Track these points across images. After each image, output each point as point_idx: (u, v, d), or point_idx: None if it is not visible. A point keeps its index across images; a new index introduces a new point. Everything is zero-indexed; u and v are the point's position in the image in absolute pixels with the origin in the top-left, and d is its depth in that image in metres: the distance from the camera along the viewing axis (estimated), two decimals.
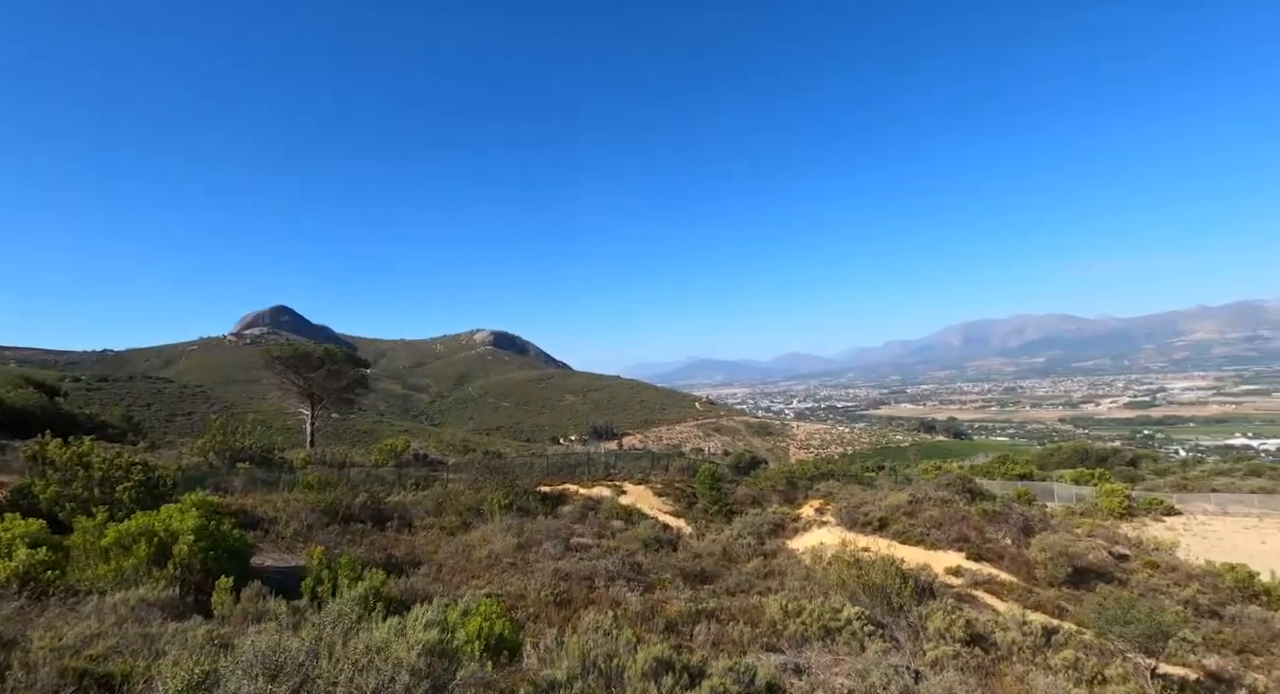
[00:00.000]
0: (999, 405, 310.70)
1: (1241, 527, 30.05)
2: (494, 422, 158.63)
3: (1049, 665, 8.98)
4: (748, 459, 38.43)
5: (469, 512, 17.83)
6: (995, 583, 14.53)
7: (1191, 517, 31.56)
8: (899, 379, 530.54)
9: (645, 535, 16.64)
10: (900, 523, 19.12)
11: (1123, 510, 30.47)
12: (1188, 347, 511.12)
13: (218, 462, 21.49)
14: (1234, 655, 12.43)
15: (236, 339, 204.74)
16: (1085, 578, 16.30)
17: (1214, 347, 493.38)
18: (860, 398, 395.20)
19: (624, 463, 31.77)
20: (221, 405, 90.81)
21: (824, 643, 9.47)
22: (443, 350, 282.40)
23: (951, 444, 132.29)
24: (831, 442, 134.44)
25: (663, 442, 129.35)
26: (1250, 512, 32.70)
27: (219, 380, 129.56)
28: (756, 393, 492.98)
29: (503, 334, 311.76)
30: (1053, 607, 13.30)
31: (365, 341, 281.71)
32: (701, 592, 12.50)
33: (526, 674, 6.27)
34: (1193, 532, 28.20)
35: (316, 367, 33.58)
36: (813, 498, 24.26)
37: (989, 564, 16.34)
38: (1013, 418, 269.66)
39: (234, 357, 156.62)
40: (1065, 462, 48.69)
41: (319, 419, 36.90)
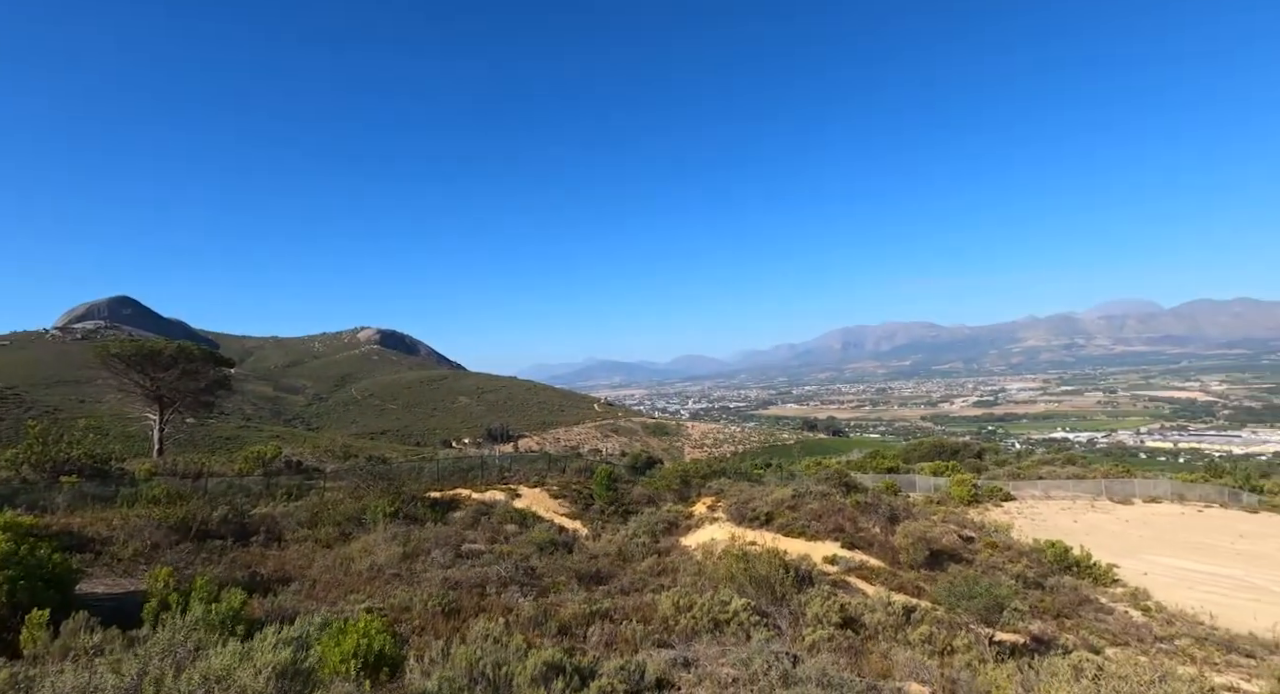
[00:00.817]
0: (872, 405, 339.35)
1: (1060, 508, 34.97)
2: (380, 425, 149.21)
3: (908, 641, 9.92)
4: (644, 459, 39.07)
5: (349, 522, 16.63)
6: (866, 568, 15.82)
7: (1023, 501, 36.23)
8: (786, 380, 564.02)
9: (540, 539, 16.39)
10: (785, 516, 20.28)
11: (970, 498, 34.35)
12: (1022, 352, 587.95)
13: (34, 476, 18.45)
14: (1052, 620, 14.42)
15: (62, 334, 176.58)
16: (940, 559, 18.19)
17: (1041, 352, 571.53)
18: (751, 398, 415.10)
19: (520, 466, 31.11)
20: (41, 410, 77.99)
21: (713, 635, 9.82)
22: (322, 349, 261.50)
23: (831, 441, 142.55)
24: (724, 441, 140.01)
25: (561, 443, 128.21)
26: (1066, 495, 38.12)
27: (38, 381, 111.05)
28: (654, 394, 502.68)
29: (390, 333, 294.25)
30: (913, 587, 14.70)
31: (230, 339, 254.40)
32: (596, 592, 12.51)
33: (407, 690, 5.95)
34: (1024, 515, 32.37)
35: (167, 366, 29.83)
36: (705, 496, 25.11)
37: (861, 552, 17.76)
38: (883, 416, 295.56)
39: (58, 354, 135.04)
40: (925, 456, 54.10)
41: (170, 425, 32.84)
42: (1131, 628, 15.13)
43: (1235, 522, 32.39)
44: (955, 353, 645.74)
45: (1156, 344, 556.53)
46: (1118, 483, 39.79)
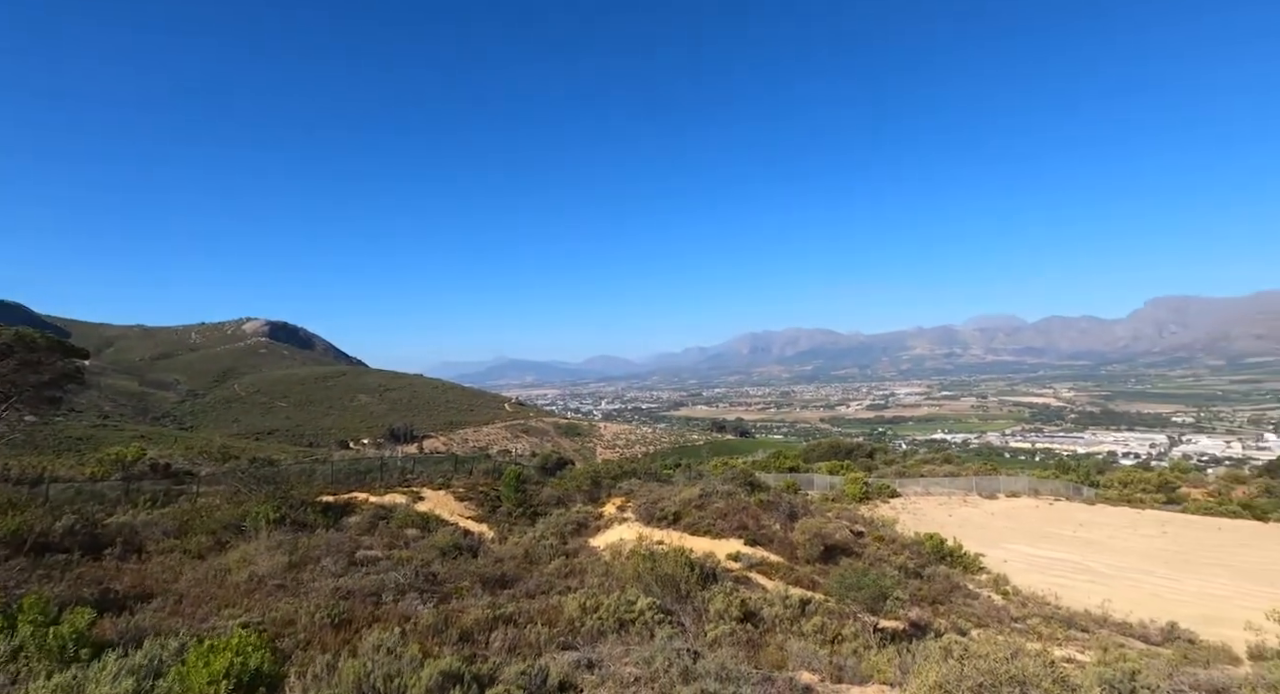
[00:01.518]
0: (776, 407, 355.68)
1: (938, 503, 38.26)
2: (267, 424, 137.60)
3: (802, 632, 10.46)
4: (555, 460, 38.63)
5: (226, 530, 15.21)
6: (766, 564, 16.51)
7: (907, 498, 39.30)
8: (696, 382, 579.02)
9: (443, 543, 15.77)
10: (691, 515, 20.77)
11: (862, 495, 36.81)
12: (910, 360, 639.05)
13: None
14: (928, 606, 15.73)
15: None
16: (833, 554, 19.33)
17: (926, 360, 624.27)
18: (663, 400, 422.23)
19: (424, 467, 29.81)
20: None
21: (618, 635, 9.87)
22: (200, 341, 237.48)
23: (738, 442, 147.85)
24: (636, 441, 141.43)
25: (469, 444, 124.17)
26: (943, 491, 41.77)
27: None
28: (567, 394, 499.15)
29: (281, 324, 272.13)
30: (809, 581, 15.52)
31: (84, 326, 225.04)
32: (501, 596, 12.21)
33: None
34: (907, 510, 35.11)
35: (1, 355, 25.90)
36: (615, 496, 25.21)
37: (762, 548, 18.52)
38: (786, 418, 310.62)
39: None
40: (823, 456, 57.42)
41: (4, 424, 28.57)
42: (993, 611, 16.80)
43: (1077, 512, 36.86)
44: (852, 359, 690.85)
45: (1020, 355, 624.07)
46: (985, 480, 44.11)
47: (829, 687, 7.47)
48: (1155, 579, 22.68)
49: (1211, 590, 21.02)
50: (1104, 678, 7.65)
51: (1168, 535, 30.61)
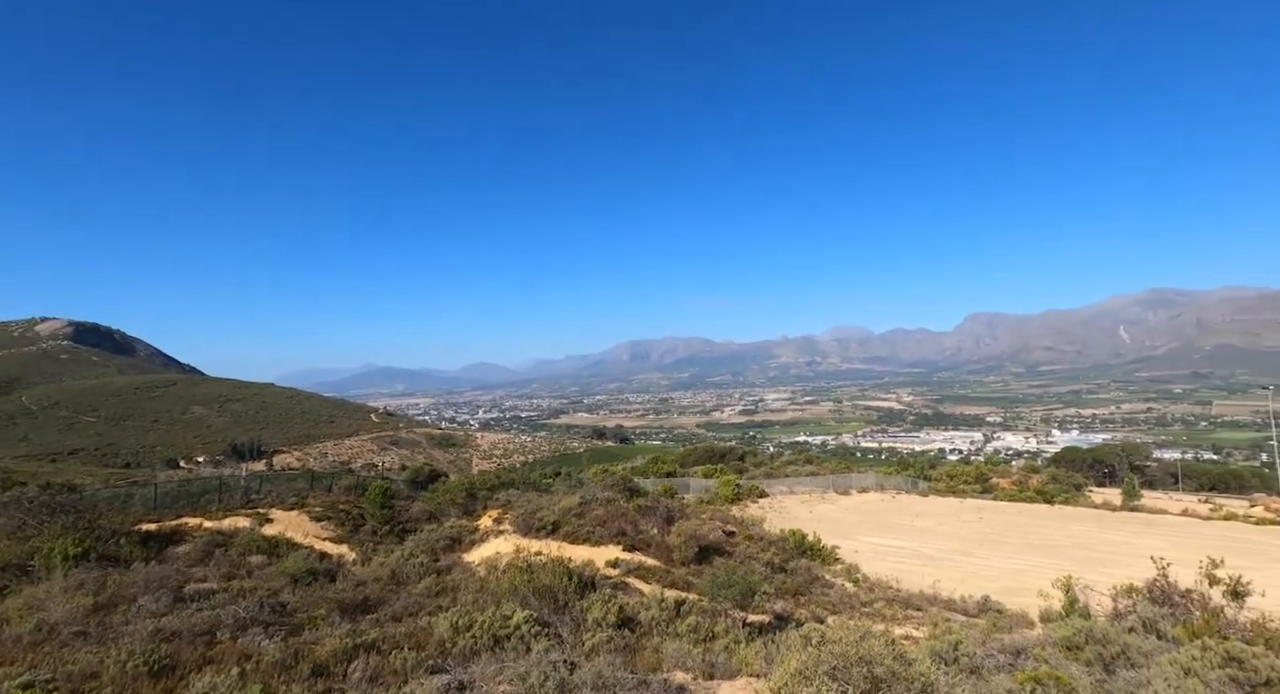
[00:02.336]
0: (655, 413, 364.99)
1: (800, 501, 41.28)
2: (70, 443, 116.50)
3: (677, 633, 10.74)
4: (427, 473, 36.61)
5: (4, 572, 12.62)
6: (644, 568, 16.79)
7: (774, 497, 41.98)
8: (577, 390, 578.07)
9: (295, 568, 14.27)
10: (571, 524, 20.60)
11: (734, 496, 38.74)
12: (777, 367, 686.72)
13: None
14: (791, 598, 16.86)
15: None
16: (707, 554, 20.12)
17: (791, 368, 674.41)
18: (543, 408, 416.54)
19: (274, 486, 26.83)
20: None
21: (493, 653, 9.50)
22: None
23: (618, 449, 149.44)
24: (515, 451, 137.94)
25: (329, 458, 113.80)
26: (805, 489, 45.16)
27: None
28: (441, 403, 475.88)
29: (91, 326, 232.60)
30: (684, 582, 16.00)
31: None
32: (363, 623, 11.27)
33: None
34: (774, 508, 37.49)
35: None
36: (492, 508, 24.37)
37: (640, 553, 18.81)
38: (665, 424, 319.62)
39: None
40: (699, 460, 59.78)
41: None
42: (846, 598, 18.39)
43: (914, 504, 41.52)
44: (725, 367, 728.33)
45: (870, 363, 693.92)
46: (840, 478, 48.34)
47: (701, 684, 7.73)
48: (973, 559, 26.10)
49: (1015, 566, 24.59)
50: (934, 650, 8.65)
51: (983, 520, 35.44)
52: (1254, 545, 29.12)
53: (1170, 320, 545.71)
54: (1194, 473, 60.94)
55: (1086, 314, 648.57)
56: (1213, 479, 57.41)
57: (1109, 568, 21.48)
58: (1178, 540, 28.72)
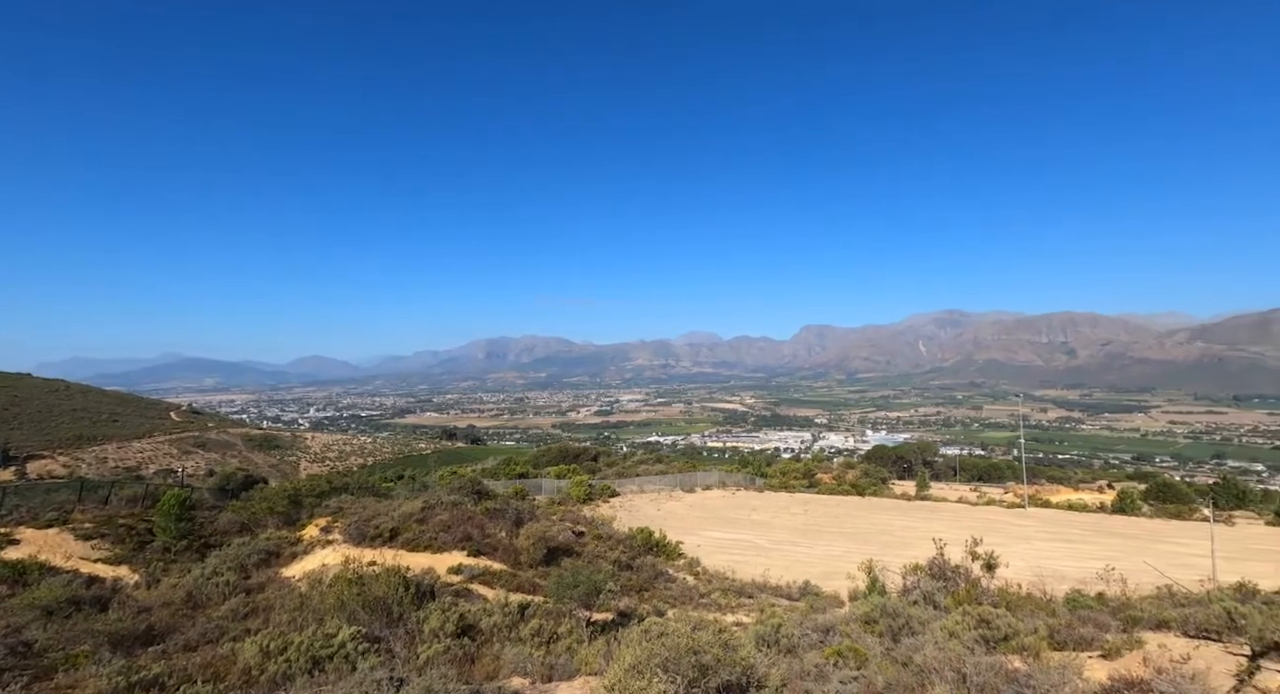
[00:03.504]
0: (510, 413, 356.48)
1: (650, 499, 42.73)
2: None
3: (520, 637, 10.54)
4: (241, 479, 32.29)
5: None
6: (490, 573, 16.27)
7: (625, 496, 42.99)
8: (427, 388, 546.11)
9: (49, 598, 11.77)
10: (412, 530, 19.37)
11: (585, 496, 39.03)
12: (633, 369, 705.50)
13: None
14: (636, 594, 17.38)
15: None
16: (556, 555, 20.03)
17: (646, 370, 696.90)
18: (388, 406, 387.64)
19: (25, 498, 21.94)
20: None
21: (311, 676, 8.59)
22: None
23: (469, 450, 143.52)
24: (352, 453, 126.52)
25: (110, 464, 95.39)
26: (655, 488, 46.82)
27: None
28: (265, 400, 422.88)
29: None
30: (530, 585, 15.76)
31: None
32: (143, 657, 9.59)
33: None
34: (624, 507, 38.39)
35: None
36: (320, 516, 22.13)
37: (487, 557, 18.21)
38: (520, 424, 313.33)
39: None
40: (552, 460, 59.41)
41: None
42: (687, 591, 19.37)
43: (751, 499, 44.93)
44: (583, 367, 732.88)
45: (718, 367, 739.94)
46: (687, 476, 50.83)
47: (539, 688, 7.65)
48: (798, 548, 28.86)
49: (832, 552, 27.61)
50: (759, 635, 9.41)
51: (808, 512, 39.35)
52: (1005, 525, 35.59)
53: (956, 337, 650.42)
54: (967, 466, 73.00)
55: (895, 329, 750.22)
56: (981, 471, 69.20)
57: (904, 550, 24.94)
58: (953, 523, 34.21)
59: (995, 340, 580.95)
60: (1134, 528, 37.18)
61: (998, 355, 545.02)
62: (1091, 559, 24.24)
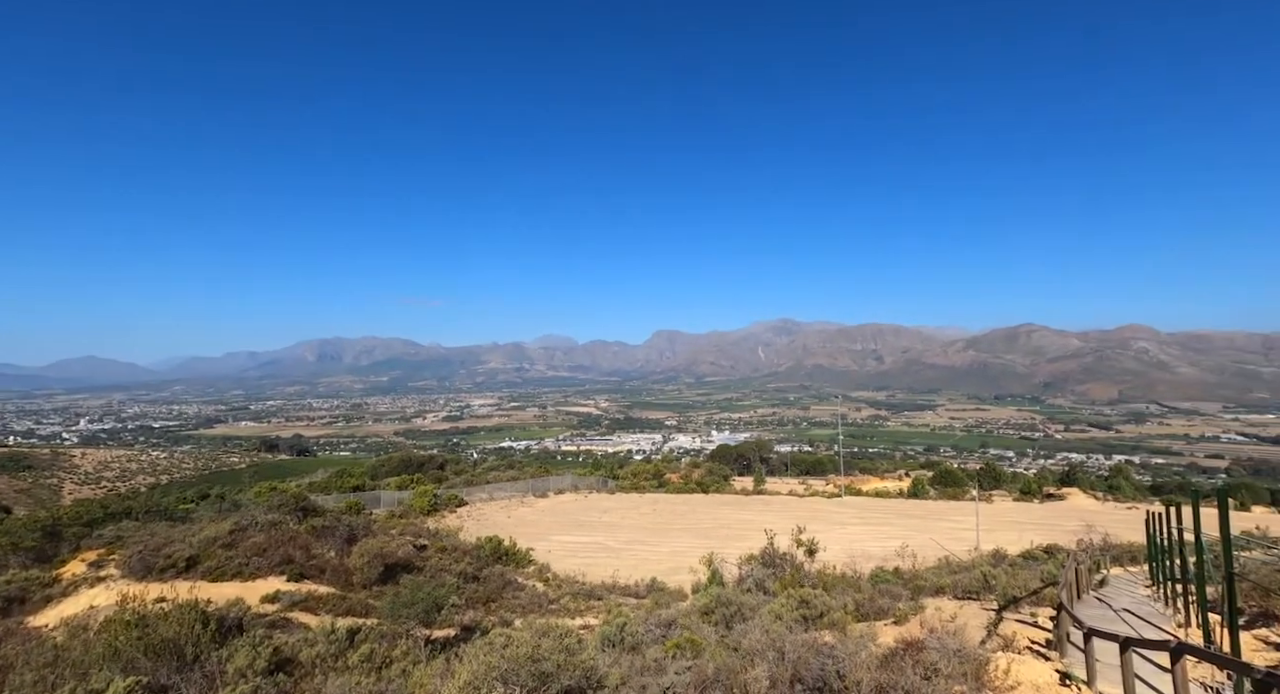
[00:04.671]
0: (346, 421, 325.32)
1: (500, 507, 41.49)
2: None
3: (348, 666, 9.61)
4: None
5: None
6: (314, 599, 14.66)
7: (474, 505, 41.29)
8: (242, 394, 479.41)
9: None
10: (216, 557, 16.85)
11: (430, 507, 36.83)
12: (485, 373, 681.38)
13: None
14: (482, 606, 16.74)
15: None
16: (394, 573, 18.61)
17: (499, 374, 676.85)
18: (190, 415, 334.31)
19: None
20: None
21: None
22: None
23: (294, 462, 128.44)
24: (140, 471, 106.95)
25: None
26: (505, 495, 45.59)
27: None
28: (12, 410, 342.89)
29: None
30: (364, 607, 14.48)
31: None
32: None
33: None
34: (473, 516, 36.86)
35: None
36: (90, 549, 18.40)
37: (311, 581, 16.40)
38: (357, 432, 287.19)
39: None
40: (394, 470, 55.23)
41: None
42: (536, 598, 19.07)
43: (603, 501, 45.56)
44: (431, 371, 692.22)
45: (573, 371, 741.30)
46: (540, 481, 50.21)
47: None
48: (647, 547, 29.81)
49: (678, 549, 28.89)
50: (605, 635, 9.53)
51: (656, 511, 40.83)
52: (826, 513, 39.90)
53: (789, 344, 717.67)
54: (797, 462, 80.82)
55: (738, 336, 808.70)
56: (808, 466, 76.98)
57: (742, 542, 26.87)
58: (784, 514, 37.61)
59: (821, 347, 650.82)
60: (923, 509, 43.68)
61: (823, 361, 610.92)
62: (892, 539, 28.03)
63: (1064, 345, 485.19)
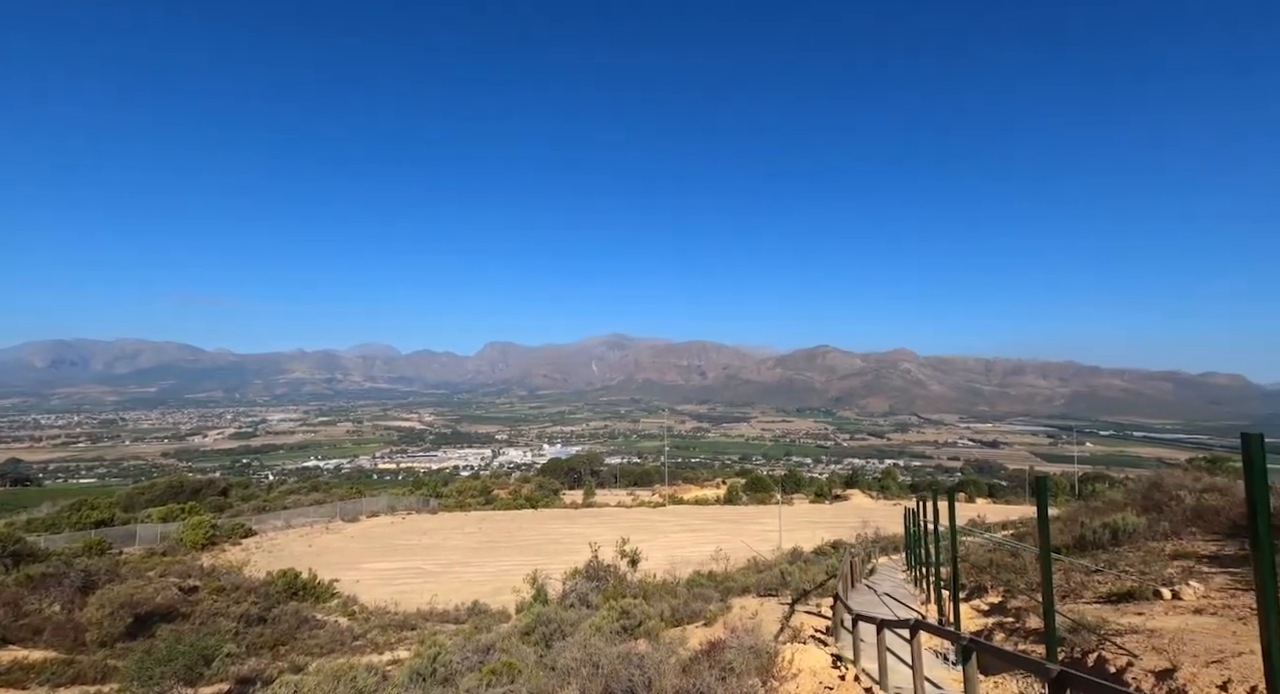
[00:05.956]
0: (93, 441, 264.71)
1: (299, 535, 36.73)
2: None
3: None
4: None
5: None
6: (20, 668, 11.57)
7: (265, 534, 36.02)
8: None
9: None
10: None
11: (206, 541, 31.36)
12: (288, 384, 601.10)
13: None
14: (269, 651, 14.58)
15: None
16: (149, 624, 15.46)
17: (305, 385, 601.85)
18: None
19: None
20: None
21: None
22: None
23: (9, 495, 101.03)
24: None
25: None
26: (306, 521, 40.51)
27: None
28: None
29: None
30: (98, 671, 11.76)
31: None
32: None
33: None
34: (263, 548, 32.13)
35: None
36: None
37: (19, 646, 12.94)
38: (108, 454, 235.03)
39: None
40: (158, 499, 46.04)
41: None
42: (339, 635, 17.10)
43: (424, 522, 42.63)
44: (217, 381, 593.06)
45: (395, 382, 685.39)
46: (350, 503, 45.50)
47: None
48: (470, 568, 28.45)
49: (504, 567, 27.98)
50: (414, 669, 8.84)
51: (482, 530, 39.21)
52: (651, 522, 41.57)
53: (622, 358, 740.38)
54: (626, 473, 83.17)
55: (572, 349, 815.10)
56: (636, 477, 79.59)
57: (570, 556, 26.82)
58: (612, 525, 38.41)
59: (651, 362, 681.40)
60: (737, 514, 47.57)
61: (653, 375, 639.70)
62: (709, 543, 30.02)
63: (851, 365, 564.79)
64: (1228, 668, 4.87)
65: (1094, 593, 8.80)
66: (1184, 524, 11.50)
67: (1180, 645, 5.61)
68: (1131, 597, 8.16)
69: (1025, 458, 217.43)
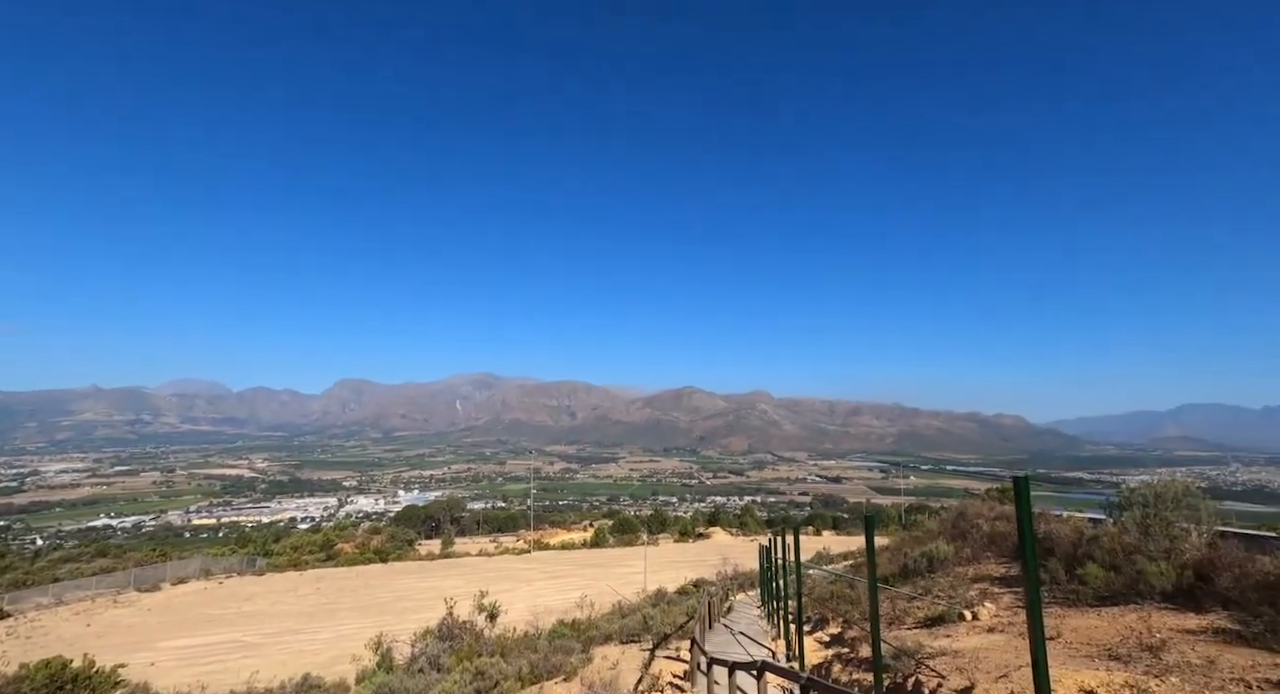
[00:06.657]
0: None
1: (74, 612, 30.20)
2: None
3: None
4: None
5: None
6: None
7: (23, 616, 29.20)
8: None
9: None
10: None
11: None
12: (73, 427, 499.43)
13: None
14: None
15: None
16: None
17: (99, 428, 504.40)
18: None
19: None
20: None
21: None
22: None
23: None
24: None
25: None
26: (87, 594, 33.54)
27: None
28: None
29: None
30: None
31: None
32: None
33: None
34: (18, 633, 25.98)
35: None
36: None
37: None
38: None
39: None
40: None
41: None
42: None
43: (246, 587, 37.13)
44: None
45: (220, 424, 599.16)
46: (150, 569, 38.53)
47: None
48: (301, 636, 25.12)
49: (343, 632, 25.06)
50: None
51: (320, 591, 34.94)
52: (514, 571, 39.76)
53: (488, 398, 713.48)
54: (490, 519, 79.16)
55: (435, 388, 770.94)
56: (500, 522, 76.00)
57: (422, 614, 24.69)
58: (471, 576, 36.14)
59: (519, 402, 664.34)
60: (604, 557, 47.08)
61: (521, 415, 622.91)
62: (574, 590, 29.28)
63: (714, 405, 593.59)
64: (1012, 681, 5.69)
65: (914, 618, 9.86)
66: (982, 549, 13.36)
67: (976, 664, 6.45)
68: (942, 620, 9.25)
69: (863, 491, 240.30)
